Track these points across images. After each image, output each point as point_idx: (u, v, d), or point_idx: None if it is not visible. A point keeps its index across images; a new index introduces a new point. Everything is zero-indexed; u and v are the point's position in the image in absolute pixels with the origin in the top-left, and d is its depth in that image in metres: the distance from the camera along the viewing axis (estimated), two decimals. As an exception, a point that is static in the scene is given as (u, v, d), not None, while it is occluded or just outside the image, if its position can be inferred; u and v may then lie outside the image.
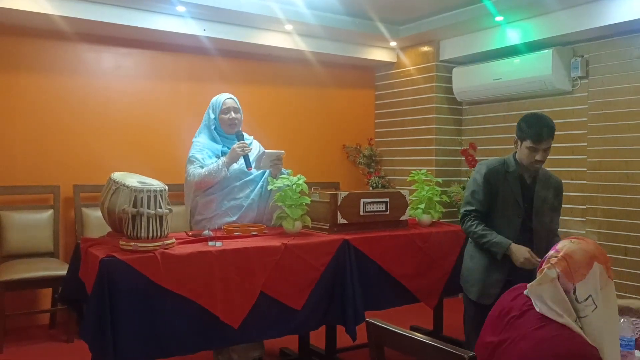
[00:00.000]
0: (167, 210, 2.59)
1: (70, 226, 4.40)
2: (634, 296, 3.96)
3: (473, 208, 2.81)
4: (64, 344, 3.86)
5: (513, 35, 4.54)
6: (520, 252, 2.64)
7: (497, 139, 5.01)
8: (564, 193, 2.94)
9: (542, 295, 1.59)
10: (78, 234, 4.27)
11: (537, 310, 1.59)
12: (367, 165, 5.66)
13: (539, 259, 2.17)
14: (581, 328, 1.55)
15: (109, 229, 2.98)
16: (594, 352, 1.50)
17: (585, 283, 1.56)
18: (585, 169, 4.26)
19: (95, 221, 4.25)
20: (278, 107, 5.33)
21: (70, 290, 2.82)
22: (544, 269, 1.63)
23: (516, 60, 4.58)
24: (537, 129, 2.66)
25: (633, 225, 4.01)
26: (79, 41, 4.44)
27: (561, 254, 1.62)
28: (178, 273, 2.50)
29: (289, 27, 4.69)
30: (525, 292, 1.69)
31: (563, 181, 2.97)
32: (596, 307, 1.54)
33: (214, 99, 3.37)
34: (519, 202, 2.76)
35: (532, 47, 4.50)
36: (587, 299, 1.55)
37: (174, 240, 2.64)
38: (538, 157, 2.68)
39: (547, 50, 4.35)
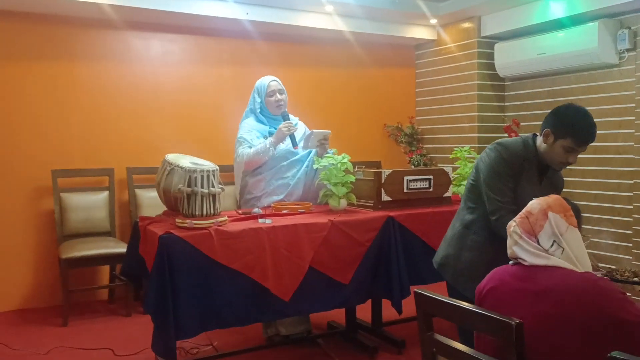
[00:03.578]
0: (220, 189, 2.72)
1: (124, 206, 4.61)
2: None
3: (506, 199, 2.27)
4: (123, 317, 4.08)
5: (557, 9, 4.46)
6: None
7: (541, 114, 4.95)
8: (611, 168, 2.84)
9: (525, 249, 1.71)
10: (132, 214, 4.47)
11: (528, 264, 1.70)
12: (408, 143, 5.69)
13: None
14: None
15: (161, 209, 3.14)
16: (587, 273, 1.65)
17: (545, 232, 1.69)
18: (633, 143, 4.18)
19: (148, 201, 4.44)
20: (319, 89, 5.40)
21: (130, 265, 2.99)
22: (509, 228, 1.77)
23: (560, 34, 4.50)
24: (587, 130, 2.24)
25: (683, 200, 3.94)
26: (128, 29, 4.60)
27: (524, 212, 1.76)
28: (231, 249, 2.63)
29: (329, 8, 4.74)
30: (510, 262, 1.78)
31: (610, 156, 2.91)
32: (563, 249, 1.67)
33: (258, 83, 3.46)
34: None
35: (577, 20, 4.41)
36: (552, 245, 1.68)
37: (226, 217, 2.77)
38: (571, 159, 2.28)
39: (592, 23, 4.26)
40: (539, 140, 2.35)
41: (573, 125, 2.24)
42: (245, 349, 3.30)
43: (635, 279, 2.00)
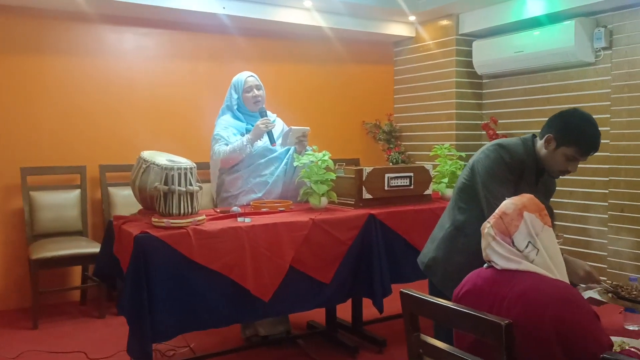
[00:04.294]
0: (198, 187, 2.64)
1: (97, 205, 4.49)
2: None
3: None
4: (96, 319, 3.96)
5: (534, 7, 4.48)
6: (579, 264, 2.15)
7: (518, 112, 4.98)
8: (587, 165, 2.82)
9: (497, 252, 1.68)
10: (105, 213, 4.35)
11: (499, 268, 1.68)
12: (386, 141, 5.67)
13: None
14: None
15: (135, 208, 3.06)
16: (562, 282, 1.62)
17: (520, 233, 1.66)
18: (609, 141, 4.23)
19: (121, 200, 4.33)
20: (297, 85, 5.34)
21: (104, 266, 2.90)
22: (484, 229, 1.73)
23: (537, 32, 4.53)
24: (593, 141, 2.12)
25: (657, 197, 4.00)
26: (101, 22, 4.47)
27: (498, 212, 1.72)
28: (210, 248, 2.56)
29: (308, 3, 4.68)
30: (485, 265, 1.75)
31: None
32: (538, 250, 1.64)
33: (235, 79, 3.40)
34: None
35: (554, 18, 4.44)
36: (527, 246, 1.65)
37: (204, 216, 2.70)
38: (571, 168, 2.18)
39: (569, 21, 4.29)
40: (539, 143, 2.23)
41: (579, 135, 2.11)
42: (223, 351, 3.23)
43: None
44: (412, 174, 3.33)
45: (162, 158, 2.76)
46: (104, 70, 4.51)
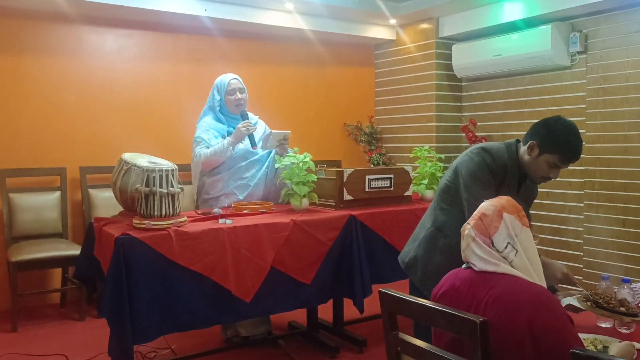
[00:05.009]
0: (179, 189, 2.65)
1: (77, 207, 4.46)
2: (633, 266, 4.07)
3: None
4: (76, 321, 3.94)
5: (512, 11, 4.56)
6: (556, 267, 2.18)
7: (497, 114, 5.06)
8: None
9: (475, 254, 1.71)
10: (86, 215, 4.33)
11: (477, 269, 1.70)
12: (368, 142, 5.72)
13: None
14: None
15: (115, 210, 3.06)
16: (538, 286, 1.65)
17: (499, 234, 1.68)
18: (584, 143, 4.31)
19: (102, 202, 4.31)
20: (279, 87, 5.36)
21: (84, 268, 2.90)
22: (464, 230, 1.75)
23: (515, 36, 4.61)
24: (575, 149, 2.16)
25: (630, 198, 4.10)
26: (81, 23, 4.44)
27: (477, 214, 1.75)
28: (191, 250, 2.58)
29: (289, 5, 4.71)
30: (463, 266, 1.78)
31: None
32: (517, 251, 1.67)
33: (218, 80, 3.40)
34: None
35: (531, 23, 4.52)
36: (506, 247, 1.67)
37: (185, 218, 2.71)
38: (553, 175, 2.23)
39: (545, 26, 4.38)
40: (522, 149, 2.25)
41: (562, 143, 2.14)
42: (204, 352, 3.24)
43: (622, 308, 1.99)
44: (392, 176, 3.38)
45: (143, 160, 2.76)
46: (85, 72, 4.49)
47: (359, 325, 3.66)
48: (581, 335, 1.89)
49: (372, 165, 5.53)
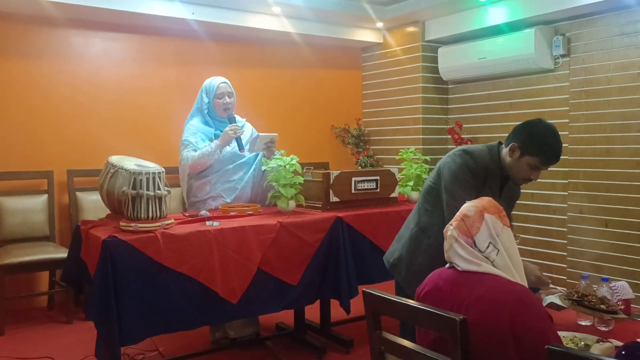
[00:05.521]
0: (166, 192, 2.67)
1: (64, 210, 4.45)
2: (616, 266, 4.14)
3: None
4: (64, 324, 3.94)
5: (496, 15, 4.63)
6: (530, 269, 2.17)
7: (482, 117, 5.12)
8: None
9: (458, 254, 1.74)
10: (73, 218, 4.32)
11: (460, 269, 1.73)
12: (355, 145, 5.76)
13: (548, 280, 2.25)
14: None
15: (103, 213, 3.07)
16: (519, 286, 1.68)
17: (481, 234, 1.72)
18: (567, 145, 4.39)
19: (89, 205, 4.31)
20: (266, 89, 5.38)
21: (71, 270, 2.90)
22: (447, 231, 1.79)
23: (500, 39, 4.67)
24: (555, 152, 2.20)
25: (613, 198, 4.17)
26: (68, 27, 4.44)
27: (459, 215, 1.78)
28: (178, 252, 2.59)
29: (276, 9, 4.73)
30: (447, 266, 1.81)
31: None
32: (498, 250, 1.71)
33: (207, 83, 3.41)
34: None
35: (515, 26, 4.59)
36: (488, 246, 1.71)
37: (172, 220, 2.73)
38: (534, 176, 2.26)
39: (529, 30, 4.45)
40: (504, 151, 2.29)
41: (542, 145, 2.18)
42: (192, 354, 3.26)
43: (603, 306, 2.05)
44: (378, 178, 3.41)
45: (130, 163, 2.78)
46: (72, 75, 4.49)
47: (346, 326, 3.69)
48: (561, 333, 1.94)
49: (359, 167, 5.57)
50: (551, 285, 2.27)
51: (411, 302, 1.73)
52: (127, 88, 4.71)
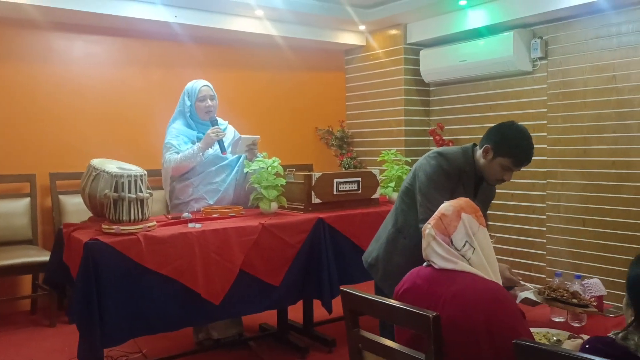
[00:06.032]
0: (148, 194, 2.69)
1: (47, 214, 4.44)
2: (593, 264, 4.22)
3: None
4: (47, 328, 3.93)
5: (476, 19, 4.70)
6: (500, 269, 2.08)
7: (463, 118, 5.19)
8: (526, 168, 2.92)
9: (435, 252, 1.79)
10: (56, 221, 4.31)
11: (437, 267, 1.78)
12: (339, 146, 5.80)
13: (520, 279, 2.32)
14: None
15: (86, 216, 3.07)
16: (494, 284, 1.74)
17: (458, 233, 1.78)
18: (546, 146, 4.47)
19: (72, 208, 4.30)
20: (250, 92, 5.41)
21: (54, 273, 2.91)
22: (425, 230, 1.84)
23: (480, 42, 4.75)
24: (527, 153, 2.27)
25: (589, 198, 4.25)
26: (50, 30, 4.43)
27: (437, 214, 1.84)
28: (160, 254, 2.61)
29: (259, 12, 4.76)
30: (424, 264, 1.86)
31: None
32: (474, 249, 1.77)
33: (189, 86, 3.44)
34: None
35: (494, 29, 4.67)
36: (464, 245, 1.76)
37: (155, 222, 2.75)
38: (507, 177, 2.33)
39: (508, 33, 4.53)
40: (478, 152, 2.35)
41: (514, 147, 2.25)
42: (176, 355, 3.28)
43: (574, 300, 2.12)
44: (359, 179, 3.46)
45: (112, 165, 2.79)
46: (54, 78, 4.48)
47: (329, 326, 3.73)
48: (535, 329, 2.00)
49: (343, 169, 5.62)
50: (521, 282, 2.34)
51: (387, 301, 1.78)
52: (109, 91, 4.71)
